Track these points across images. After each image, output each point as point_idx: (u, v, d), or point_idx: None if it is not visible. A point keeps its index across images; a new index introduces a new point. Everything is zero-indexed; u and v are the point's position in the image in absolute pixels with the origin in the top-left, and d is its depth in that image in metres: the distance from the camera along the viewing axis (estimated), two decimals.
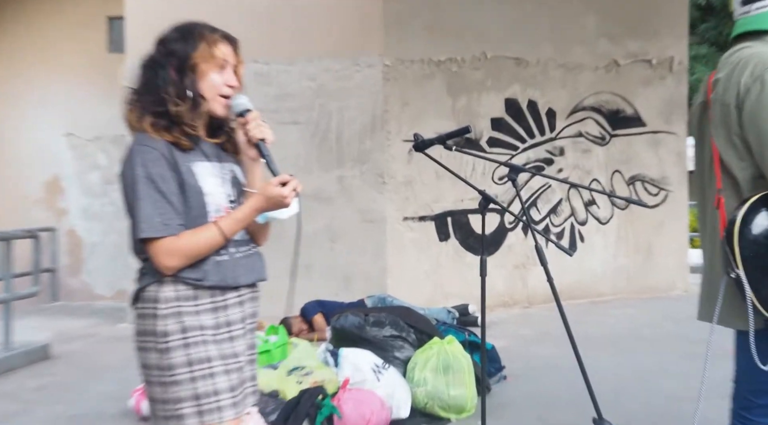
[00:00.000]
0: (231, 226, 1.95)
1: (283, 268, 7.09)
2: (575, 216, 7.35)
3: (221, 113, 2.00)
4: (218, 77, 1.99)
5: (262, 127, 1.98)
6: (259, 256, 2.11)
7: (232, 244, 2.00)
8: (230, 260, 1.99)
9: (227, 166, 2.05)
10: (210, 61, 1.97)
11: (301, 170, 6.40)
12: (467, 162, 6.81)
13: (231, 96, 2.00)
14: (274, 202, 1.95)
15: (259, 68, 6.39)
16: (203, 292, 1.96)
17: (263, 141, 1.98)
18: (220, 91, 1.99)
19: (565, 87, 7.22)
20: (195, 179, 1.95)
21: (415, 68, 6.65)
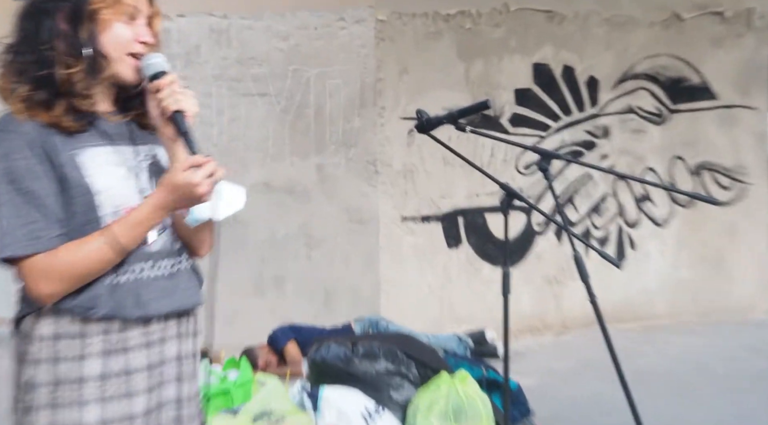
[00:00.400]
0: (126, 233, 1.86)
1: (248, 281, 7.10)
2: (624, 216, 7.37)
3: (131, 77, 1.94)
4: (127, 30, 1.93)
5: (179, 94, 1.91)
6: (190, 274, 2.04)
7: (139, 258, 1.91)
8: (135, 281, 1.91)
9: (144, 149, 1.99)
10: (115, 7, 1.91)
11: (269, 156, 6.39)
12: (484, 146, 6.81)
13: (143, 55, 1.94)
14: (182, 194, 1.86)
15: (215, 23, 6.39)
16: (93, 327, 1.87)
17: (181, 114, 1.90)
18: (129, 48, 1.92)
19: (610, 49, 7.23)
20: (80, 172, 1.86)
21: (417, 24, 6.65)
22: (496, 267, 6.84)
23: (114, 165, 1.91)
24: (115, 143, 1.94)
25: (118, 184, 1.90)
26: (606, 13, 7.18)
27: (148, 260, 1.94)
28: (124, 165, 1.93)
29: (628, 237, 7.36)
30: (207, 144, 6.23)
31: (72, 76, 1.88)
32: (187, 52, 6.26)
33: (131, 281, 1.91)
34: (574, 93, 7.18)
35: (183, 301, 2.00)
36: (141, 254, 1.92)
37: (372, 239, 6.50)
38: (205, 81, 6.28)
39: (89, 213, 1.86)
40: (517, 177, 6.90)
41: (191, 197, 1.87)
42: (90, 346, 1.87)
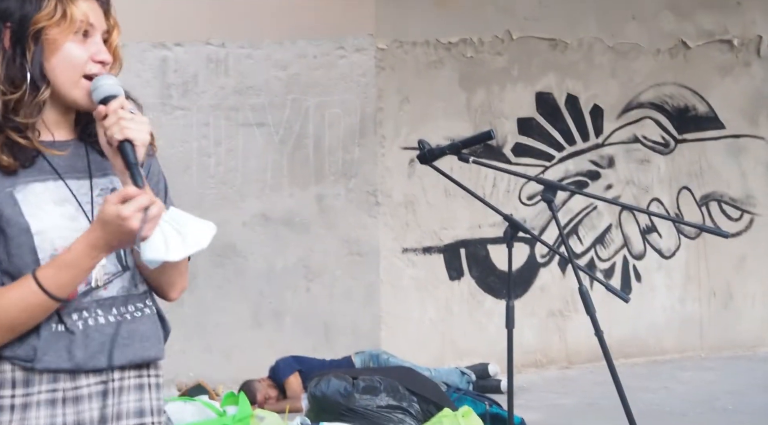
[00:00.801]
0: (54, 277, 1.71)
1: (245, 314, 7.10)
2: (629, 248, 7.35)
3: (85, 102, 1.80)
4: (79, 50, 1.78)
5: (126, 121, 1.74)
6: (153, 322, 1.88)
7: (91, 302, 1.78)
8: (84, 329, 1.77)
9: (101, 182, 1.85)
10: (64, 25, 1.77)
11: (267, 186, 6.40)
12: (487, 177, 6.80)
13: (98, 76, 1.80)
14: (112, 230, 1.70)
15: (213, 52, 6.42)
16: (38, 375, 1.75)
17: (128, 144, 1.74)
18: (82, 70, 1.78)
19: (615, 77, 7.26)
20: (19, 209, 1.74)
21: (418, 53, 6.68)
22: (499, 300, 6.79)
23: (59, 202, 1.77)
24: (64, 176, 1.79)
25: (61, 223, 1.76)
26: (610, 41, 7.21)
27: (99, 308, 1.79)
28: (72, 202, 1.78)
29: (634, 269, 7.34)
30: (204, 175, 6.25)
31: (11, 103, 1.74)
32: (184, 82, 6.28)
33: (79, 329, 1.76)
34: (578, 122, 7.19)
35: (141, 353, 1.84)
36: (94, 298, 1.78)
37: (372, 271, 6.49)
38: (203, 111, 6.30)
39: (28, 256, 1.74)
40: (520, 208, 6.89)
41: (122, 233, 1.70)
42: (36, 395, 1.75)
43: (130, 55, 6.06)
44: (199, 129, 6.26)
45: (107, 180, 1.84)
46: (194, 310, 5.85)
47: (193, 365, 5.91)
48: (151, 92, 6.04)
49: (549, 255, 7.04)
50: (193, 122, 6.22)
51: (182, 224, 1.79)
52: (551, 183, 2.82)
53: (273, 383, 5.81)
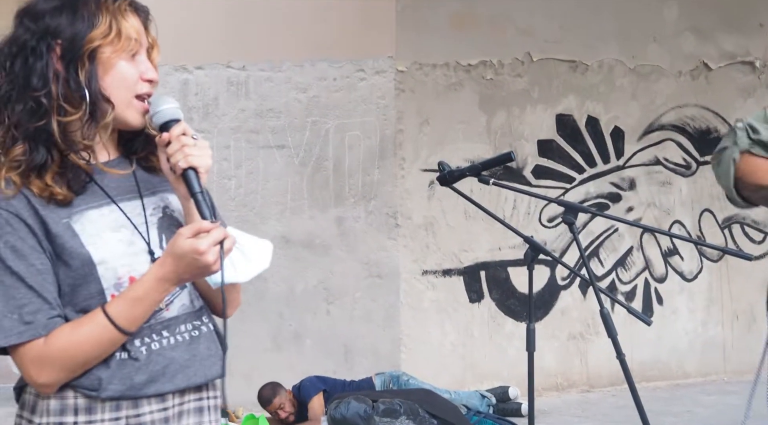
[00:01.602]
0: (124, 312, 1.68)
1: (266, 336, 7.09)
2: (651, 270, 7.32)
3: (138, 122, 1.76)
4: (131, 69, 1.74)
5: (189, 148, 1.71)
6: (211, 339, 1.84)
7: (153, 327, 1.74)
8: (147, 355, 1.73)
9: (153, 201, 1.81)
10: (118, 43, 1.72)
11: (288, 208, 6.42)
12: (507, 199, 6.81)
13: (150, 95, 1.77)
14: (187, 264, 1.67)
15: (233, 75, 6.46)
16: (100, 404, 1.71)
17: (192, 172, 1.72)
18: (135, 90, 1.74)
19: (636, 99, 7.26)
20: (79, 240, 1.70)
21: (438, 75, 6.70)
22: (519, 323, 6.79)
23: (115, 228, 1.73)
24: (117, 199, 1.76)
25: (120, 250, 1.72)
26: (631, 63, 7.21)
27: (164, 330, 1.76)
28: (127, 226, 1.75)
29: (656, 292, 7.31)
30: (224, 197, 6.28)
31: (70, 125, 1.69)
32: (205, 105, 6.33)
33: (143, 355, 1.73)
34: (598, 144, 7.19)
35: (202, 373, 1.79)
36: (156, 322, 1.74)
37: (392, 293, 6.49)
38: (223, 133, 6.34)
39: (93, 286, 1.70)
40: (540, 230, 6.87)
41: (197, 267, 1.67)
42: (100, 423, 1.72)
43: None
44: (220, 151, 6.30)
45: (158, 198, 1.81)
46: None
47: None
48: None
49: (570, 278, 7.02)
50: (213, 145, 6.07)
51: (243, 243, 1.76)
52: (572, 205, 2.81)
53: (295, 400, 5.81)
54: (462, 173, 2.88)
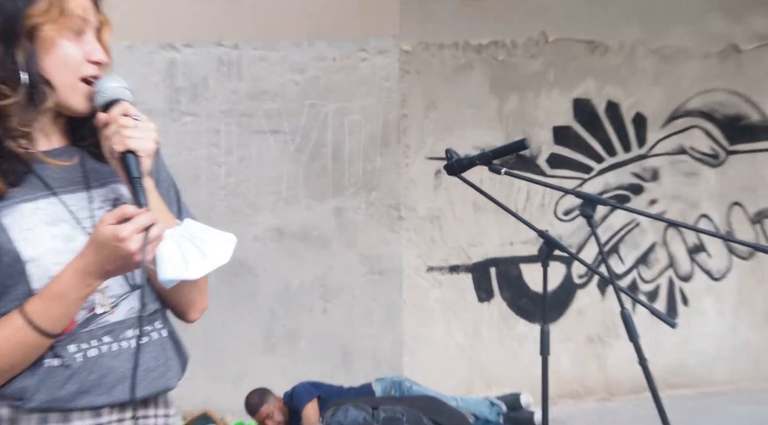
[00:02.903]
0: (43, 311, 1.64)
1: (257, 337, 7.09)
2: (675, 268, 7.32)
3: (83, 107, 1.75)
4: (75, 49, 1.73)
5: (129, 130, 1.70)
6: (165, 346, 1.80)
7: (92, 332, 1.70)
8: (83, 362, 1.69)
9: (101, 193, 1.79)
10: (60, 21, 1.70)
11: (282, 198, 6.41)
12: (519, 190, 6.82)
13: (96, 78, 1.75)
14: (108, 253, 1.62)
15: (225, 54, 6.44)
16: (26, 415, 1.68)
17: (131, 155, 1.70)
18: (80, 72, 1.73)
19: (659, 83, 7.24)
20: (8, 235, 1.67)
21: (446, 56, 6.69)
22: (532, 324, 6.81)
23: (52, 222, 1.70)
24: (57, 191, 1.73)
25: (56, 246, 1.68)
26: (654, 44, 7.19)
27: (106, 335, 1.71)
28: (68, 220, 1.71)
29: (681, 292, 7.30)
30: (214, 186, 6.27)
31: (6, 109, 1.67)
32: (193, 86, 6.31)
33: (77, 363, 1.68)
34: (619, 131, 7.18)
35: (147, 385, 1.75)
36: (97, 326, 1.70)
37: (394, 291, 6.50)
38: (213, 117, 6.32)
39: (22, 286, 1.66)
40: (555, 224, 6.88)
41: (119, 256, 1.62)
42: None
43: (136, 58, 6.14)
44: (209, 137, 6.29)
45: (108, 190, 1.79)
46: (201, 333, 5.85)
47: (199, 392, 5.91)
48: (157, 97, 6.09)
49: (587, 275, 7.03)
50: (202, 129, 6.24)
51: (200, 237, 1.75)
52: (591, 197, 2.79)
53: (286, 408, 5.80)
54: (471, 162, 2.86)
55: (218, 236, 1.78)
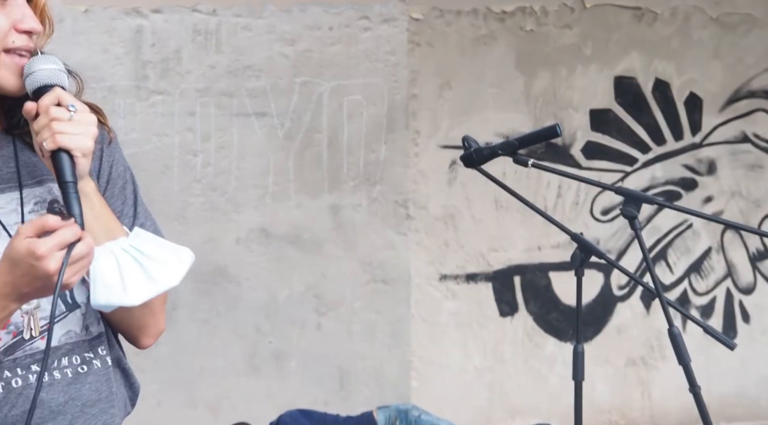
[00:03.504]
0: None
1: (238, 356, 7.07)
2: (735, 279, 7.32)
3: (13, 85, 1.75)
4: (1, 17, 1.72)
5: (59, 124, 1.68)
6: (107, 377, 1.80)
7: (17, 360, 1.70)
8: (2, 394, 1.70)
9: (37, 192, 1.79)
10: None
11: (268, 194, 6.41)
12: (549, 184, 6.83)
13: (29, 52, 1.75)
14: (24, 272, 1.60)
15: (201, 22, 6.44)
16: None
17: (65, 153, 1.68)
18: (5, 43, 1.72)
19: (719, 57, 7.23)
20: None
21: (463, 25, 6.69)
22: (563, 343, 6.83)
23: None
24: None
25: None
26: (713, 11, 7.18)
27: (35, 363, 1.71)
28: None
29: (740, 307, 7.31)
30: (188, 178, 6.27)
31: None
32: (163, 59, 6.30)
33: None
34: (669, 116, 7.18)
35: (85, 422, 1.75)
36: (24, 354, 1.71)
37: (401, 304, 6.50)
38: (187, 96, 6.32)
39: None
40: (591, 225, 6.89)
41: (35, 277, 1.59)
42: None
43: (95, 25, 6.13)
44: (183, 119, 6.28)
45: (44, 189, 1.78)
46: (173, 351, 5.86)
47: (172, 421, 5.92)
48: (121, 72, 6.08)
49: (629, 287, 7.04)
50: (174, 111, 6.24)
51: (148, 253, 1.73)
52: (635, 194, 2.79)
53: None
54: (493, 152, 2.87)
55: (171, 251, 1.77)
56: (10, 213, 1.74)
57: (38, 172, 1.78)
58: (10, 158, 1.78)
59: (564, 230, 2.95)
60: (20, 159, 1.78)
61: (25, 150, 1.79)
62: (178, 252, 1.77)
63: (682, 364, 2.71)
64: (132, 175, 1.89)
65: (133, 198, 1.87)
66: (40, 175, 1.78)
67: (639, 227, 2.78)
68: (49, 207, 1.76)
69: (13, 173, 1.76)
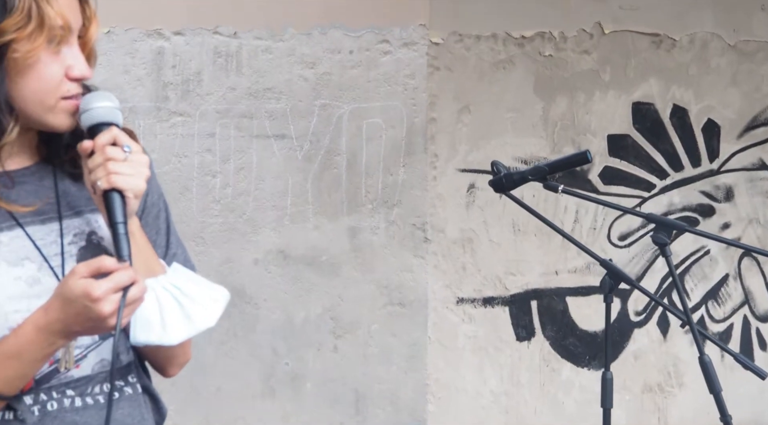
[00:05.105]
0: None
1: (255, 378, 7.06)
2: (752, 306, 7.31)
3: (66, 125, 1.75)
4: (54, 67, 1.71)
5: (115, 164, 1.69)
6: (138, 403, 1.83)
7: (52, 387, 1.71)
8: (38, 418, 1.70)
9: (75, 224, 1.79)
10: (37, 33, 1.66)
11: (287, 215, 6.40)
12: (566, 209, 6.82)
13: (79, 95, 1.75)
14: (77, 312, 1.61)
15: (222, 44, 6.44)
16: None
17: (116, 194, 1.70)
18: (59, 92, 1.72)
19: (737, 84, 7.24)
20: None
21: (483, 49, 6.68)
22: (579, 368, 6.81)
23: (14, 262, 1.70)
24: (25, 221, 1.72)
25: (17, 290, 1.68)
26: (731, 39, 7.20)
27: (69, 389, 1.74)
28: (34, 257, 1.71)
29: (758, 334, 7.31)
30: (206, 199, 6.26)
31: None
32: (184, 81, 6.30)
33: (34, 418, 1.70)
34: (686, 142, 7.17)
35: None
36: (57, 381, 1.72)
37: (418, 327, 6.48)
38: (207, 118, 6.32)
39: None
40: (609, 250, 6.87)
41: (88, 318, 1.62)
42: None
43: (117, 46, 6.15)
44: (202, 141, 6.28)
45: (82, 221, 1.77)
46: (190, 372, 5.79)
47: None
48: (142, 93, 6.10)
49: (647, 312, 7.03)
50: (194, 132, 6.25)
51: (186, 292, 1.75)
52: (665, 221, 2.77)
53: None
54: (523, 177, 2.88)
55: (208, 291, 1.81)
56: (51, 245, 1.73)
57: (76, 203, 1.78)
58: (51, 189, 1.77)
59: (594, 257, 2.92)
60: (60, 189, 1.78)
61: (65, 180, 1.79)
62: (215, 291, 1.81)
63: (713, 393, 2.69)
64: (165, 203, 1.91)
65: (166, 227, 1.88)
66: (78, 206, 1.78)
67: (670, 254, 2.75)
68: (87, 238, 1.76)
69: (53, 204, 1.76)
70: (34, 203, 1.73)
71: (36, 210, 1.73)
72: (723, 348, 2.93)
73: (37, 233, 1.71)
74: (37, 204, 1.73)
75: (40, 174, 1.76)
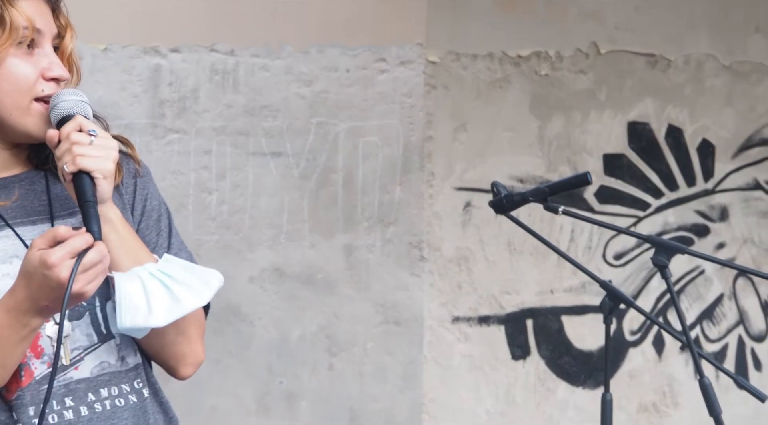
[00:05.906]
0: None
1: (250, 397, 7.04)
2: (746, 326, 7.31)
3: (40, 131, 1.78)
4: (27, 67, 1.77)
5: (80, 147, 1.72)
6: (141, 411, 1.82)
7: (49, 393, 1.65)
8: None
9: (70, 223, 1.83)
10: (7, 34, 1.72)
11: (282, 233, 6.40)
12: (562, 228, 6.84)
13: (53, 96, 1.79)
14: (39, 284, 1.62)
15: (219, 62, 6.45)
16: None
17: (86, 175, 1.73)
18: (33, 92, 1.77)
19: (732, 105, 7.25)
20: None
21: (479, 68, 6.69)
22: (574, 387, 6.81)
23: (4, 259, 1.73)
24: (15, 222, 1.76)
25: (6, 287, 1.69)
26: (726, 59, 7.22)
27: (67, 396, 1.73)
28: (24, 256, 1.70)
29: (752, 354, 7.30)
30: (202, 216, 6.27)
31: None
32: (181, 98, 6.31)
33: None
34: (681, 162, 7.19)
35: None
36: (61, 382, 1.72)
37: (414, 345, 6.47)
38: (203, 135, 6.32)
39: None
40: (604, 270, 6.88)
41: (52, 289, 1.61)
42: None
43: (114, 63, 6.16)
44: (199, 158, 6.29)
45: (76, 220, 1.80)
46: (184, 389, 5.77)
47: None
48: (139, 110, 6.11)
49: (642, 332, 7.03)
50: (190, 149, 6.25)
51: (176, 277, 1.76)
52: (666, 243, 2.76)
53: None
54: (524, 198, 2.87)
55: (200, 275, 1.81)
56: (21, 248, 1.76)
57: (70, 204, 1.81)
58: (42, 192, 1.81)
59: (593, 278, 2.93)
60: (52, 193, 1.82)
61: (58, 185, 1.81)
62: (206, 275, 1.81)
63: (713, 415, 2.69)
64: (168, 210, 1.94)
65: (167, 230, 1.90)
66: (72, 207, 1.81)
67: (670, 276, 2.73)
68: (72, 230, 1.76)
69: (45, 206, 1.81)
70: (24, 205, 1.77)
71: (26, 212, 1.77)
72: (723, 369, 2.92)
73: (27, 233, 1.74)
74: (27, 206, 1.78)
75: (31, 180, 1.81)
